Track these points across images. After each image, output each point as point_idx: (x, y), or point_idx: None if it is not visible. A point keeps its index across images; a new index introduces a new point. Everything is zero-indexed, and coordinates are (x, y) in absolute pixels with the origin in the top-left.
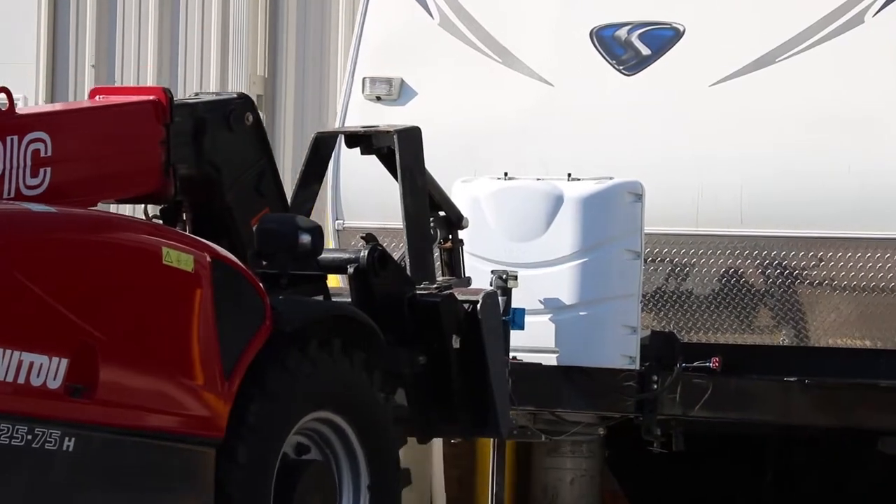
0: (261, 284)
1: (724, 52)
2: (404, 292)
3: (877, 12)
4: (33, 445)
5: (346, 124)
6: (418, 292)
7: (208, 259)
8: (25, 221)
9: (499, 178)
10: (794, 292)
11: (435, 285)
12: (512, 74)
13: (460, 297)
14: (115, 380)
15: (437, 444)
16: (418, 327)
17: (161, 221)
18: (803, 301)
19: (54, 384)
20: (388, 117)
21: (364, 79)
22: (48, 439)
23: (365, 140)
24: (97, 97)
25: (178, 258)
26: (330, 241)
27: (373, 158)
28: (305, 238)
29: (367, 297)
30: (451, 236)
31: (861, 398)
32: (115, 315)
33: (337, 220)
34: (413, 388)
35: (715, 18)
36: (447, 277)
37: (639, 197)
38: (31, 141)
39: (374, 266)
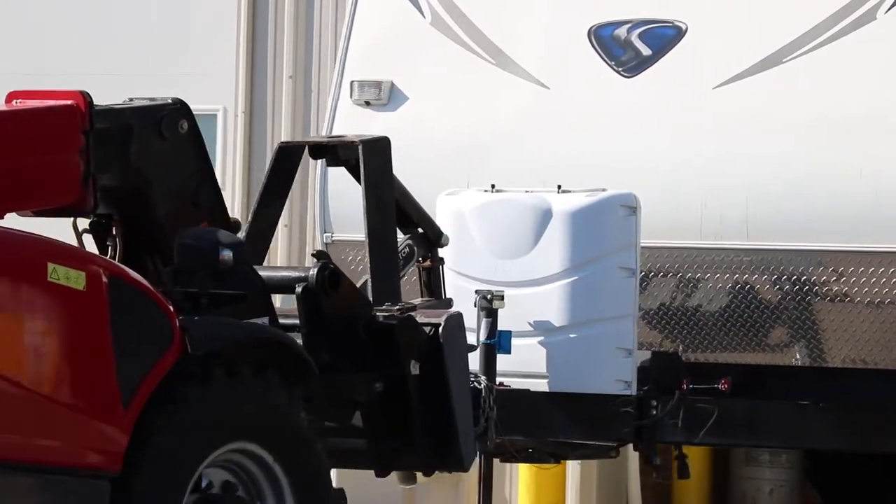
0: (169, 305)
1: (729, 51)
2: (360, 314)
3: (889, 8)
4: None
5: (333, 132)
6: (376, 314)
7: (104, 277)
8: None
9: (485, 191)
10: (808, 309)
11: (397, 307)
12: (506, 77)
13: (421, 320)
14: None
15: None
16: (374, 352)
17: (91, 236)
18: (817, 318)
19: None
20: (378, 123)
21: (352, 82)
22: None
23: (330, 151)
24: (14, 101)
25: (66, 275)
26: None
27: None
28: (227, 254)
29: (317, 319)
30: (430, 254)
31: (881, 421)
32: None
33: (325, 232)
34: (369, 418)
35: (719, 16)
36: (426, 298)
37: (633, 210)
38: None
39: (324, 285)
